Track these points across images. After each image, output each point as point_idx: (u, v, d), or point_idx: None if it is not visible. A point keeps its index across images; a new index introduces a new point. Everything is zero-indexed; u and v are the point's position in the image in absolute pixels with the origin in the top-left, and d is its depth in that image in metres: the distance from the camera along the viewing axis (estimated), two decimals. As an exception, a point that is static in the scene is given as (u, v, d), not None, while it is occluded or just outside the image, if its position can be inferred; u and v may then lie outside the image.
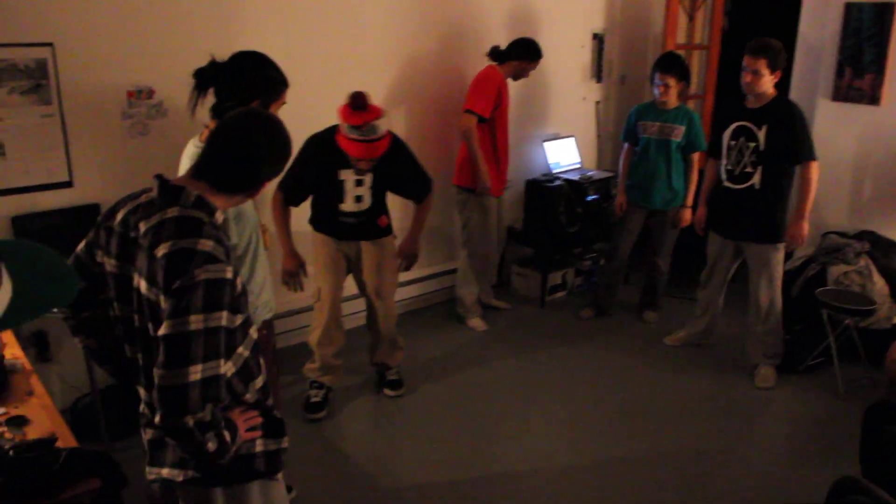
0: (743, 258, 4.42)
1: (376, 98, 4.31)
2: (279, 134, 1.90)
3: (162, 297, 1.66)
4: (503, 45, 4.81)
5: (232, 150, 1.83)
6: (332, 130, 3.61)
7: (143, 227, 1.75)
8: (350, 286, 4.06)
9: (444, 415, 4.07)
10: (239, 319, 1.81)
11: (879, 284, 4.56)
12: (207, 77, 2.55)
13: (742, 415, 4.15)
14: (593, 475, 3.60)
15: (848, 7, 4.87)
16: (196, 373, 1.63)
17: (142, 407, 1.96)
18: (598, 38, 6.03)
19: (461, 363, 4.63)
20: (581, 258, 5.78)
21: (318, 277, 3.88)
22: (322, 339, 3.95)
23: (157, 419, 1.64)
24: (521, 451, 3.77)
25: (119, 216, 1.82)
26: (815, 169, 4.08)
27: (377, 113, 3.47)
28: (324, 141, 3.63)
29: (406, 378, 4.30)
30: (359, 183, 3.69)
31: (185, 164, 2.71)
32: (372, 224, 3.82)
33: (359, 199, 3.72)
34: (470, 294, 5.08)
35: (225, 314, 1.68)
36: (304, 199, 3.79)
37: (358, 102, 3.45)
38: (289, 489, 3.19)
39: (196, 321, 1.63)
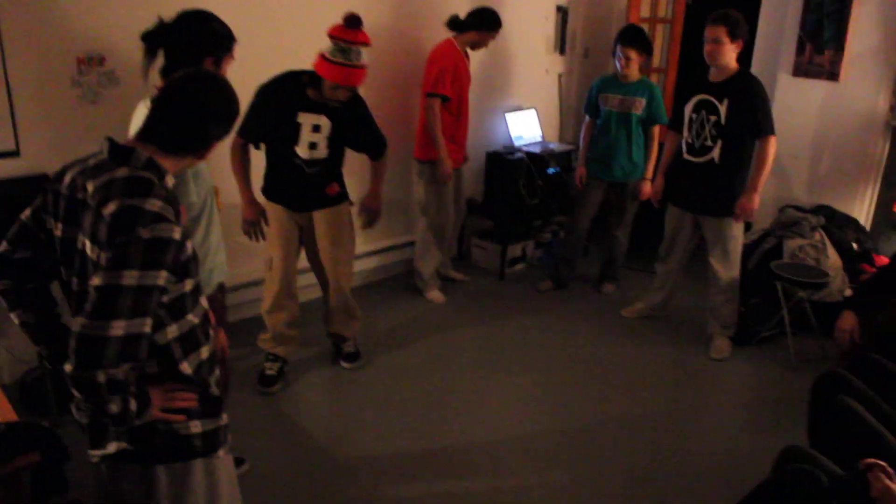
0: (701, 233, 4.45)
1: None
2: (226, 92, 1.87)
3: (103, 254, 1.63)
4: (462, 14, 4.75)
5: (179, 110, 1.80)
6: (291, 75, 3.58)
7: (90, 187, 1.71)
8: (303, 258, 4.02)
9: (401, 386, 4.07)
10: (189, 285, 1.77)
11: (833, 258, 4.62)
12: (156, 39, 2.51)
13: (697, 385, 4.20)
14: (551, 443, 3.62)
15: (809, -18, 4.88)
16: (118, 328, 1.58)
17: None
18: (562, 11, 6.00)
19: (419, 334, 4.62)
20: (541, 230, 5.79)
21: (271, 247, 3.83)
22: (273, 308, 3.91)
23: (67, 367, 1.58)
24: (479, 421, 3.78)
25: (67, 179, 1.78)
26: (772, 144, 4.10)
27: (366, 38, 3.45)
28: (282, 83, 3.60)
29: (363, 350, 4.28)
30: (315, 129, 3.62)
31: (135, 126, 2.66)
32: (324, 187, 3.75)
33: (313, 146, 3.65)
34: (428, 266, 5.06)
35: (163, 274, 1.65)
36: (263, 139, 3.69)
37: (353, 20, 3.41)
38: (241, 462, 3.19)
39: (130, 276, 1.59)
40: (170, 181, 1.80)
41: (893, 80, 4.72)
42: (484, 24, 4.71)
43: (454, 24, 4.71)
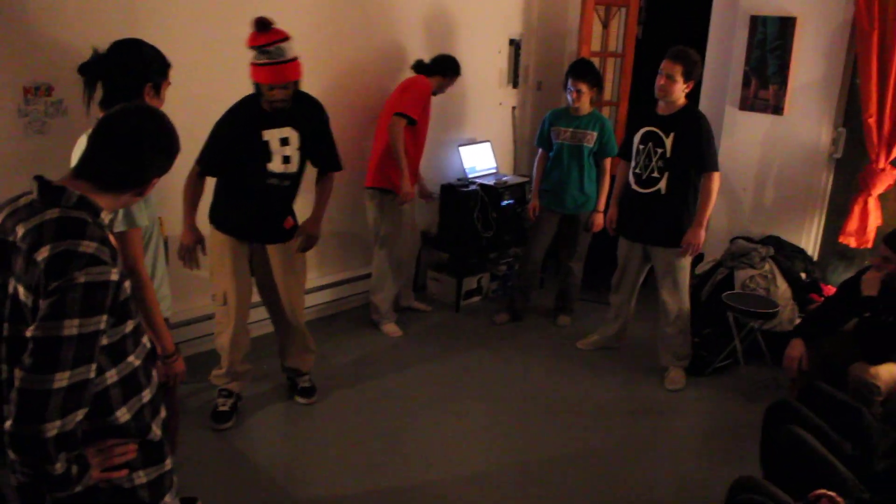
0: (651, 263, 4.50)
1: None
2: (164, 126, 1.82)
3: (41, 301, 1.57)
4: (423, 57, 4.89)
5: (115, 145, 1.75)
6: (244, 99, 3.59)
7: (21, 230, 1.65)
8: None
9: (356, 421, 4.01)
10: (130, 326, 1.72)
11: (783, 288, 4.70)
12: (93, 71, 2.49)
13: (652, 416, 4.22)
14: (508, 479, 3.60)
15: (753, 19, 5.01)
16: (62, 380, 1.53)
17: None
18: (515, 44, 6.07)
19: (375, 369, 4.57)
20: (496, 263, 5.80)
21: (224, 280, 3.76)
22: (229, 344, 3.84)
23: (7, 425, 1.52)
24: (435, 457, 3.74)
25: None
26: (716, 179, 4.18)
27: (282, 34, 3.44)
28: (237, 108, 3.61)
29: (318, 384, 4.21)
30: (284, 142, 3.61)
31: (76, 160, 2.62)
32: (288, 207, 3.76)
33: (286, 159, 3.63)
34: (384, 300, 5.01)
35: (104, 318, 1.60)
36: (222, 168, 3.66)
37: (261, 24, 3.42)
38: (193, 501, 3.10)
39: (70, 326, 1.54)
40: (106, 217, 1.75)
41: (834, 113, 4.85)
42: (448, 70, 4.89)
43: (421, 67, 4.84)
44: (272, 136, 3.59)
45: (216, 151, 3.58)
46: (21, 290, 1.63)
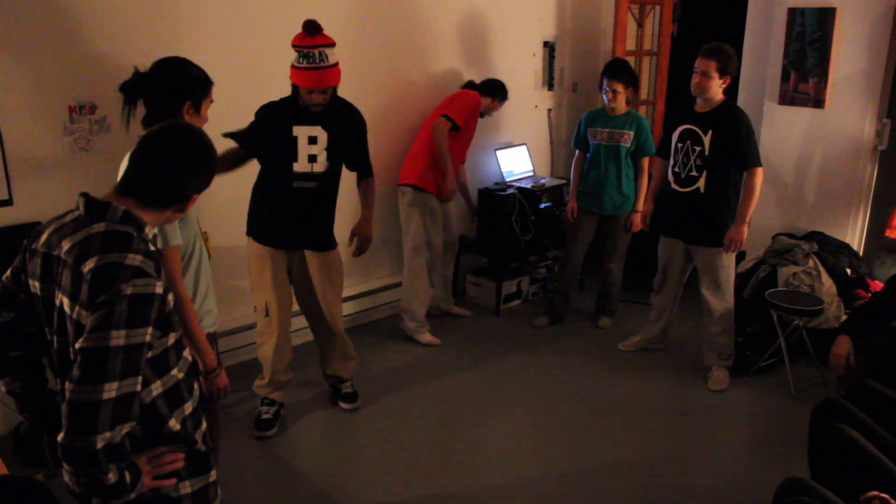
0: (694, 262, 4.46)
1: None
2: (203, 144, 1.87)
3: (84, 313, 1.61)
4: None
5: (156, 164, 1.80)
6: (286, 97, 3.67)
7: (66, 244, 1.70)
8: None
9: (398, 428, 4.03)
10: (172, 338, 1.76)
11: (827, 284, 4.62)
12: (134, 89, 2.54)
13: (696, 418, 4.17)
14: (554, 483, 3.58)
15: (791, 12, 4.93)
16: (111, 391, 1.56)
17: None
18: (550, 46, 6.06)
19: (415, 375, 4.59)
20: (536, 266, 5.79)
21: (265, 292, 3.81)
22: (271, 354, 3.88)
23: (60, 437, 1.56)
24: (478, 463, 3.74)
25: (43, 237, 1.77)
26: (759, 175, 4.12)
27: (328, 39, 3.50)
28: (278, 102, 3.70)
29: (359, 391, 4.24)
30: (312, 140, 3.65)
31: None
32: (320, 211, 3.78)
33: (312, 158, 3.66)
34: (420, 306, 4.99)
35: (149, 330, 1.64)
36: (260, 154, 3.72)
37: (311, 26, 3.47)
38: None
39: (117, 336, 1.58)
40: (150, 233, 1.80)
41: (878, 104, 4.76)
42: (497, 93, 5.07)
43: (472, 86, 5.00)
44: (301, 132, 3.64)
45: (253, 132, 3.67)
46: (66, 301, 1.67)
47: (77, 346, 1.59)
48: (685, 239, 4.38)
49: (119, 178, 2.63)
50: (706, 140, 4.14)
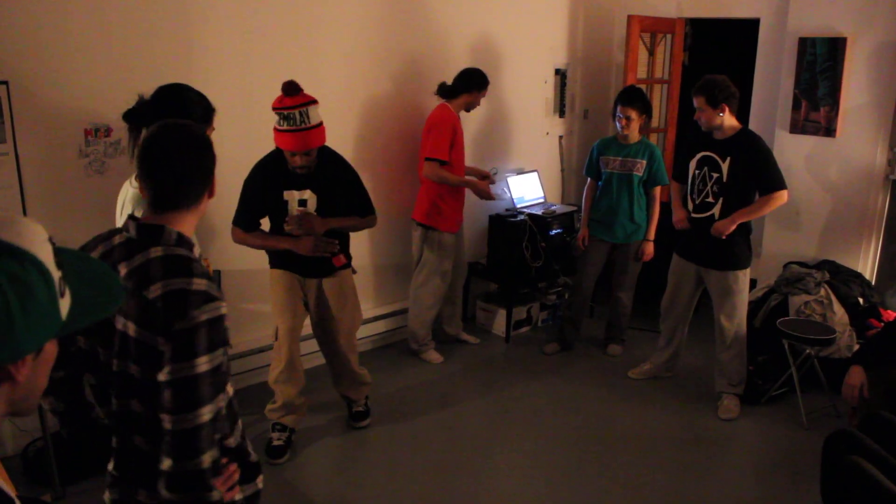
0: (704, 286, 4.44)
1: (340, 134, 4.31)
2: (186, 127, 1.85)
3: (160, 339, 1.64)
4: (450, 81, 4.85)
5: (165, 165, 1.78)
6: (272, 154, 3.63)
7: (124, 268, 1.72)
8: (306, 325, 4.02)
9: (408, 454, 4.01)
10: (226, 353, 1.79)
11: (840, 314, 4.60)
12: (137, 116, 2.53)
13: (706, 447, 4.14)
14: (558, 512, 3.56)
15: (802, 41, 4.96)
16: (207, 413, 1.63)
17: (110, 466, 1.86)
18: (561, 73, 6.10)
19: (426, 401, 4.57)
20: (546, 292, 5.78)
21: (276, 315, 3.82)
22: (282, 379, 3.87)
23: (165, 465, 1.61)
24: (488, 489, 3.73)
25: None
26: (783, 197, 4.14)
27: (308, 98, 3.45)
28: (267, 163, 3.66)
29: (371, 416, 4.25)
30: (301, 203, 3.65)
31: (125, 207, 2.68)
32: (325, 259, 3.74)
33: None
34: (423, 326, 5.03)
35: (225, 349, 1.70)
36: (258, 223, 3.75)
37: (289, 87, 3.44)
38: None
39: (203, 363, 1.63)
40: (197, 251, 1.82)
41: (889, 133, 4.77)
42: (473, 85, 4.81)
43: (444, 91, 4.81)
44: (291, 197, 3.64)
45: (248, 210, 3.67)
46: (132, 326, 1.68)
47: (164, 378, 1.63)
48: (698, 261, 4.37)
49: (120, 205, 2.65)
50: (724, 167, 4.15)
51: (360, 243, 3.98)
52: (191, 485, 1.63)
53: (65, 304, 1.05)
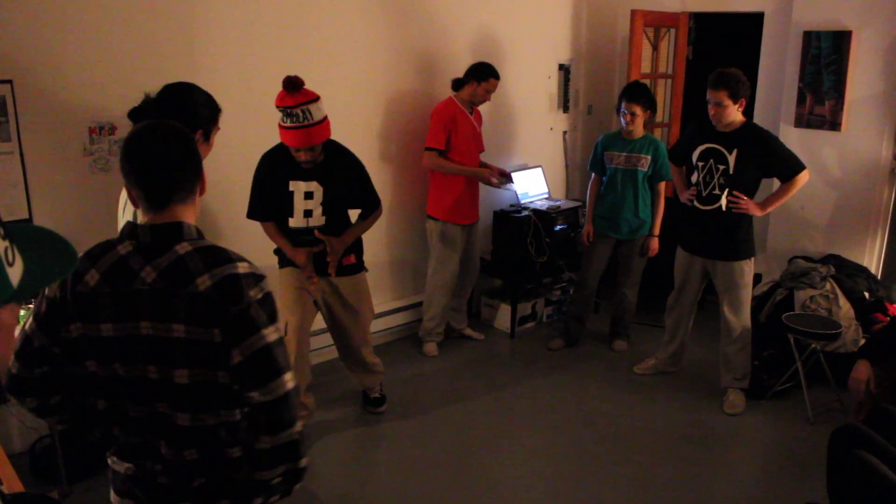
0: (709, 280, 4.44)
1: (351, 132, 4.32)
2: (174, 126, 1.79)
3: (216, 331, 1.61)
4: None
5: (159, 161, 1.71)
6: (283, 144, 3.65)
7: (151, 272, 1.65)
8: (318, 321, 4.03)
9: (414, 450, 4.02)
10: None
11: (845, 308, 4.59)
12: (143, 115, 2.50)
13: (711, 443, 4.14)
14: (564, 507, 3.56)
15: (807, 35, 4.94)
16: (290, 380, 1.64)
17: (121, 468, 1.79)
18: (565, 69, 6.08)
19: (431, 396, 4.58)
20: (550, 288, 5.78)
21: (285, 311, 3.83)
22: None
23: (262, 443, 1.61)
24: (493, 484, 3.73)
25: (95, 278, 1.68)
26: (806, 175, 4.16)
27: (311, 95, 3.48)
28: (273, 154, 3.70)
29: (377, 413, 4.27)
30: (308, 196, 3.67)
31: (125, 208, 2.67)
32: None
33: (308, 213, 3.70)
34: (430, 319, 5.08)
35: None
36: (271, 214, 3.77)
37: (291, 84, 3.45)
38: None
39: (270, 333, 1.64)
40: None
41: (895, 127, 4.74)
42: (476, 75, 4.84)
43: (453, 84, 4.90)
44: (298, 187, 3.67)
45: (259, 201, 3.72)
46: (181, 328, 1.63)
47: (238, 359, 1.62)
48: (705, 254, 4.37)
49: (121, 209, 2.65)
50: (731, 159, 4.14)
51: (377, 238, 3.99)
52: (288, 456, 1.63)
53: (14, 273, 1.06)
